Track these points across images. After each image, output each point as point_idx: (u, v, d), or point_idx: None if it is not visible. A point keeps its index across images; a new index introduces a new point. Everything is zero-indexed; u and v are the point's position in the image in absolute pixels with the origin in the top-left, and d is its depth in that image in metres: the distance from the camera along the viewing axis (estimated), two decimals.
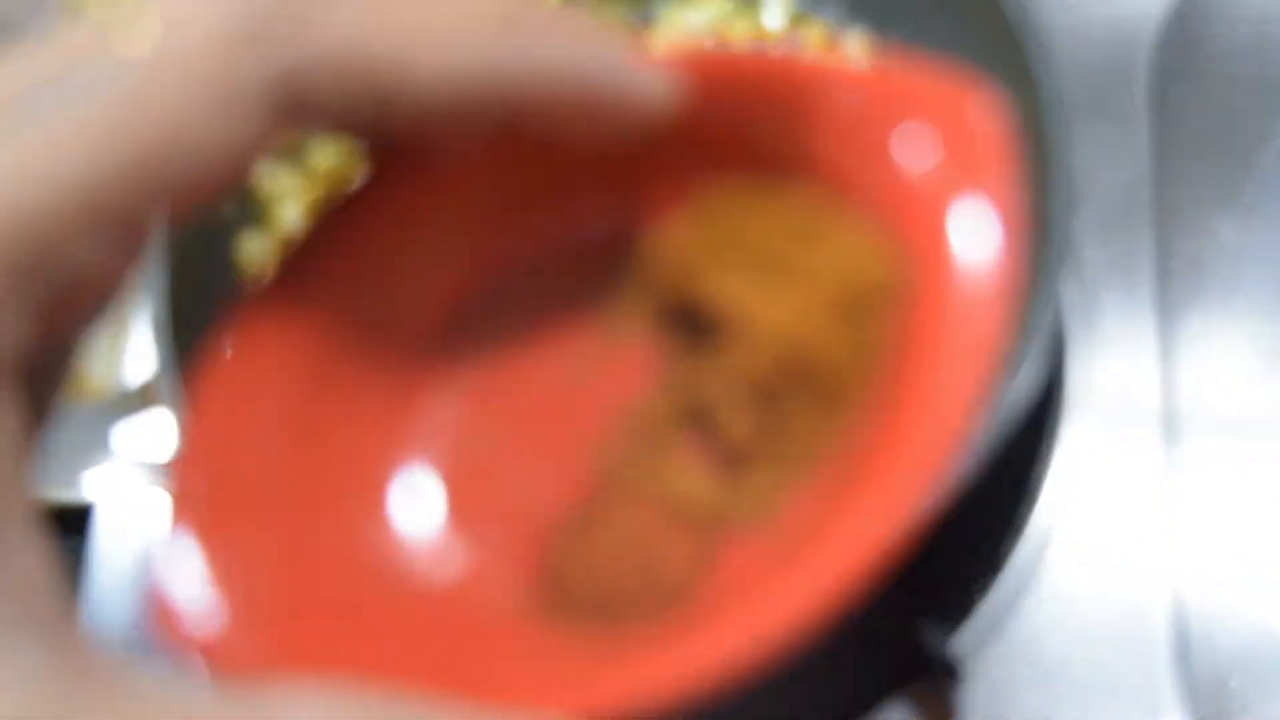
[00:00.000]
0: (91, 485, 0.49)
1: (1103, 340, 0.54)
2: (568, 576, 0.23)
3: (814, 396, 0.22)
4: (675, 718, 0.18)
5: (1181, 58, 0.58)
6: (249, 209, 0.58)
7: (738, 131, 0.23)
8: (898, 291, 0.22)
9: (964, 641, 0.50)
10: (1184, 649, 0.49)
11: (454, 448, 0.24)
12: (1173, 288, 0.55)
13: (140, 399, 0.49)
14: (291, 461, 0.21)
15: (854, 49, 0.60)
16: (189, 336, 0.50)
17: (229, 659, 0.19)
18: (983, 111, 0.21)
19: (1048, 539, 0.52)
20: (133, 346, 0.61)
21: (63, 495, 0.50)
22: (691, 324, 0.24)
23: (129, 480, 0.48)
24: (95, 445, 0.49)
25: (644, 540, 0.23)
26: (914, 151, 0.22)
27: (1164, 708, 0.48)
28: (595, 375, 0.24)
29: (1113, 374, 0.54)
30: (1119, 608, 0.50)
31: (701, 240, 0.24)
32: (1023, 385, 0.44)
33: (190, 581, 0.19)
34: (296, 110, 0.17)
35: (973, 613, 0.51)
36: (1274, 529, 0.50)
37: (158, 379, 0.47)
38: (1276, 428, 0.52)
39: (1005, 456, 0.46)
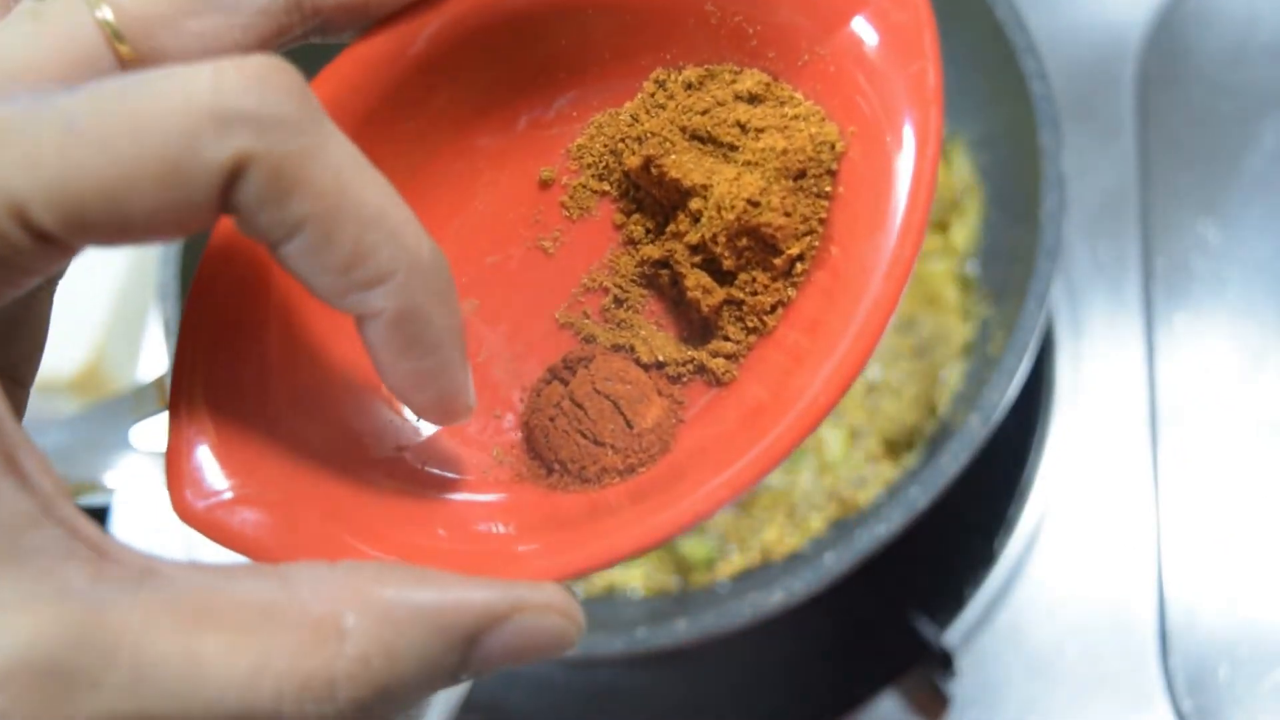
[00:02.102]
0: (111, 481, 0.50)
1: (1090, 339, 0.55)
2: (549, 436, 0.24)
3: (767, 261, 0.24)
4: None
5: (1167, 65, 0.59)
6: None
7: (693, 10, 0.24)
8: (840, 162, 0.23)
9: (956, 633, 0.51)
10: (1171, 639, 0.49)
11: None
12: (1158, 288, 0.56)
13: (156, 397, 0.50)
14: (280, 355, 0.22)
15: None
16: None
17: (240, 535, 0.20)
18: None
19: (1037, 533, 0.53)
20: (148, 348, 0.63)
21: (83, 491, 0.51)
22: (651, 197, 0.25)
23: (147, 476, 0.49)
24: (114, 443, 0.50)
25: (619, 397, 0.24)
26: (858, 28, 0.23)
27: (1152, 697, 0.49)
28: (564, 247, 0.26)
29: (1100, 372, 0.55)
30: (1108, 599, 0.51)
31: (659, 119, 0.25)
32: (1012, 383, 0.45)
33: (201, 468, 0.20)
34: None
35: (964, 605, 0.52)
36: (1258, 521, 0.51)
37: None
38: (1258, 424, 0.53)
39: (995, 452, 0.47)
